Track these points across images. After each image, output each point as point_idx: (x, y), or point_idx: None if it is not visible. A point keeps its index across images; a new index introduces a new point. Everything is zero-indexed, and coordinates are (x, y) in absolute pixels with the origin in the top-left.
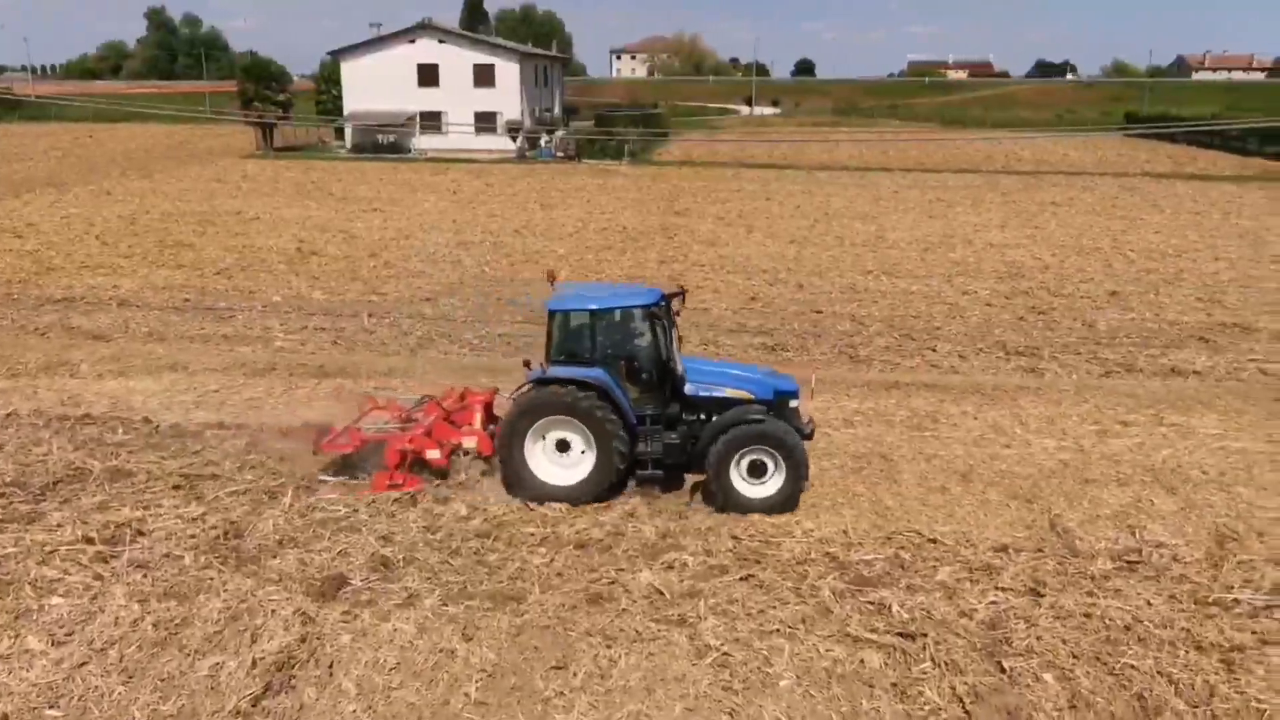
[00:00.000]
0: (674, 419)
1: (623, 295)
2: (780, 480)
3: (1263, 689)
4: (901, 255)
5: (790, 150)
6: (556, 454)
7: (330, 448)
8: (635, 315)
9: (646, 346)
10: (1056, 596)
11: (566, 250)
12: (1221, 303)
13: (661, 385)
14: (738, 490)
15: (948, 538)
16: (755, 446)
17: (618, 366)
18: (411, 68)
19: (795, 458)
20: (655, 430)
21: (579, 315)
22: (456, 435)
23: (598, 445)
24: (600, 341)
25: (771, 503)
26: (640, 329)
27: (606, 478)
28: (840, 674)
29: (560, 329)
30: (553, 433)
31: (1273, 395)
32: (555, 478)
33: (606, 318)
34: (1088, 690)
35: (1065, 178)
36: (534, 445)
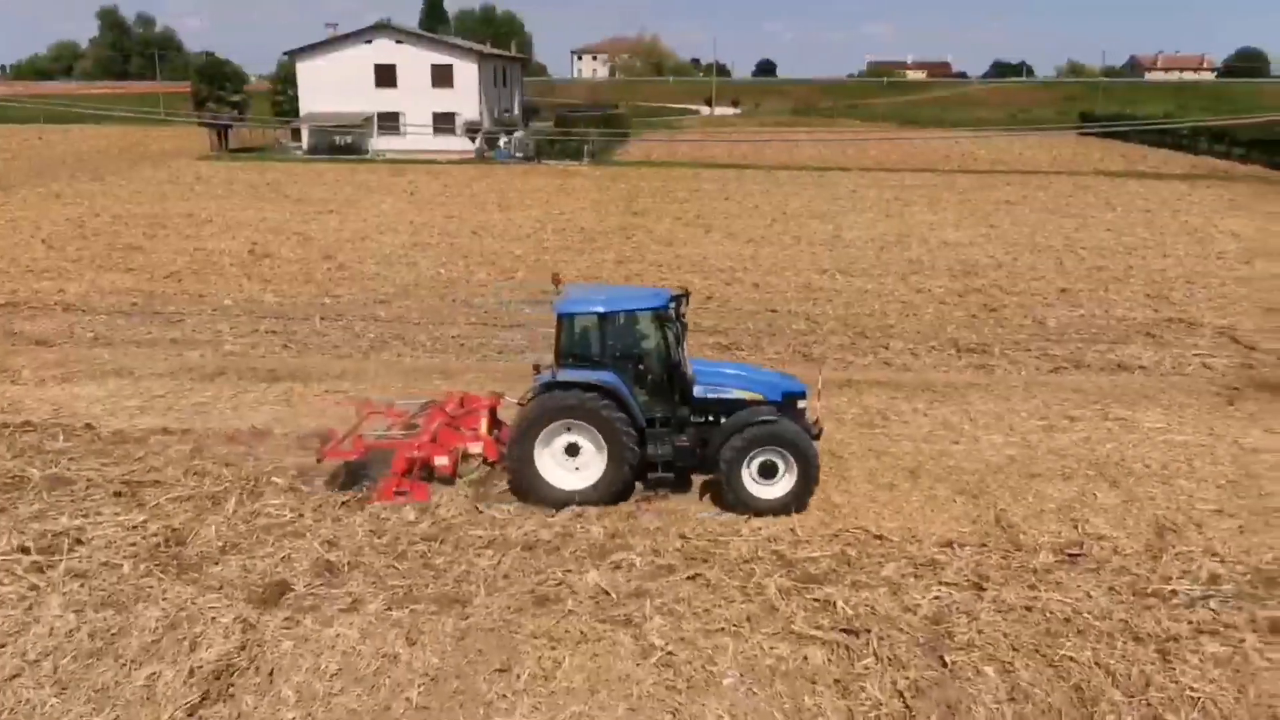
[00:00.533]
0: (683, 421)
1: (631, 297)
2: (791, 481)
3: (1197, 678)
4: (858, 254)
5: (750, 150)
6: (566, 458)
7: (334, 455)
8: (644, 317)
9: (656, 349)
10: (999, 590)
11: (524, 251)
12: (1168, 299)
13: (671, 387)
14: (748, 491)
15: (894, 534)
16: (767, 447)
17: (627, 369)
18: (368, 68)
19: (806, 459)
20: (665, 432)
21: (588, 318)
22: (463, 441)
23: (608, 448)
24: (609, 344)
25: (781, 503)
26: (649, 331)
27: (617, 481)
28: (784, 671)
29: (569, 332)
30: (562, 437)
31: (1215, 389)
32: (565, 482)
33: (615, 320)
34: (1027, 682)
35: (1020, 176)
36: (543, 450)
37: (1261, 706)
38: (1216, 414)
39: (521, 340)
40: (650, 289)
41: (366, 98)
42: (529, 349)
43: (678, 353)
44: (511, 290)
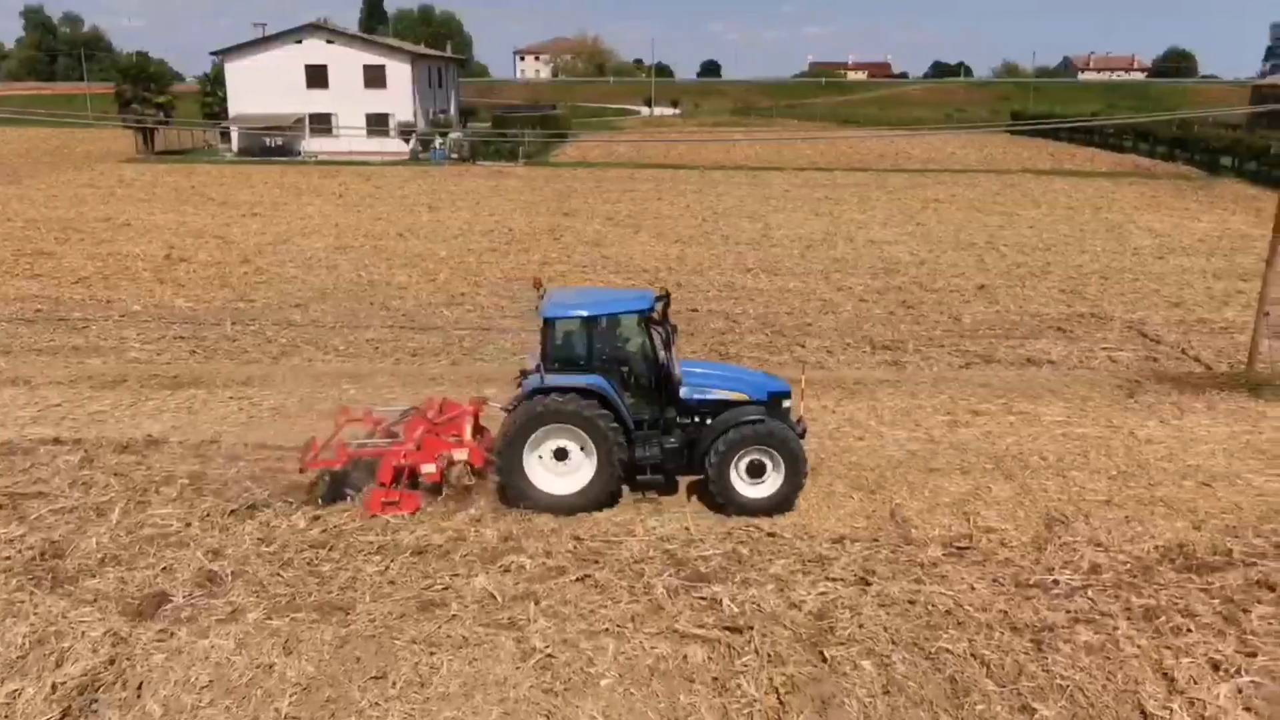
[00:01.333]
0: (670, 423)
1: (615, 300)
2: (779, 480)
3: (1067, 666)
4: (783, 253)
5: (687, 150)
6: (555, 463)
7: (316, 465)
8: (629, 320)
9: (641, 351)
10: (884, 585)
11: (448, 253)
12: (1082, 294)
13: (657, 389)
14: (737, 490)
15: (787, 531)
16: (754, 447)
17: (614, 372)
18: (299, 69)
19: (794, 457)
20: (652, 435)
21: (574, 322)
22: (448, 448)
23: (598, 452)
24: (596, 348)
25: (770, 502)
26: (635, 334)
27: (607, 485)
28: (663, 670)
29: (555, 336)
30: (551, 441)
31: (1117, 382)
32: (554, 487)
33: (601, 324)
34: (902, 675)
35: (951, 175)
36: (532, 455)
37: (1128, 692)
38: (1116, 407)
39: (438, 342)
40: (634, 291)
41: (298, 99)
42: (444, 351)
43: (664, 354)
44: (432, 293)
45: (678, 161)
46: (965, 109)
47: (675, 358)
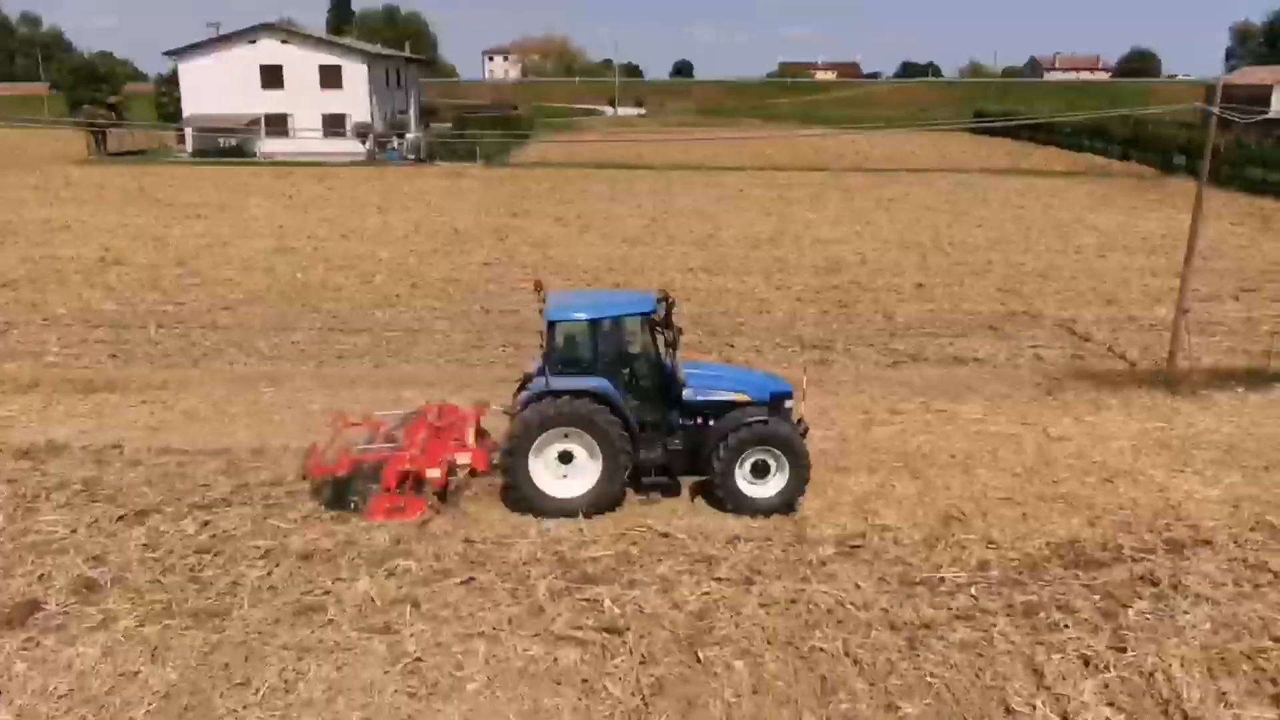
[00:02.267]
0: (674, 425)
1: (620, 303)
2: (783, 480)
3: (938, 664)
4: (728, 252)
5: (648, 151)
6: (560, 466)
7: (321, 471)
8: (633, 322)
9: (645, 353)
10: (768, 584)
11: (390, 254)
12: (1018, 292)
13: (661, 391)
14: (741, 491)
15: (681, 531)
16: (759, 447)
17: (618, 374)
18: (254, 69)
19: (798, 457)
20: (656, 436)
21: (578, 325)
22: (453, 452)
23: (603, 455)
24: (601, 350)
25: (774, 502)
26: (638, 336)
27: (613, 488)
28: (532, 673)
29: (559, 339)
30: (555, 445)
31: (1038, 380)
32: (559, 490)
33: (605, 327)
34: (772, 675)
35: (908, 174)
36: (536, 459)
37: (995, 689)
38: (1034, 404)
39: (366, 344)
40: (636, 293)
41: (253, 99)
42: (369, 354)
43: (666, 356)
44: (366, 295)
45: (637, 162)
46: (929, 109)
47: (679, 359)
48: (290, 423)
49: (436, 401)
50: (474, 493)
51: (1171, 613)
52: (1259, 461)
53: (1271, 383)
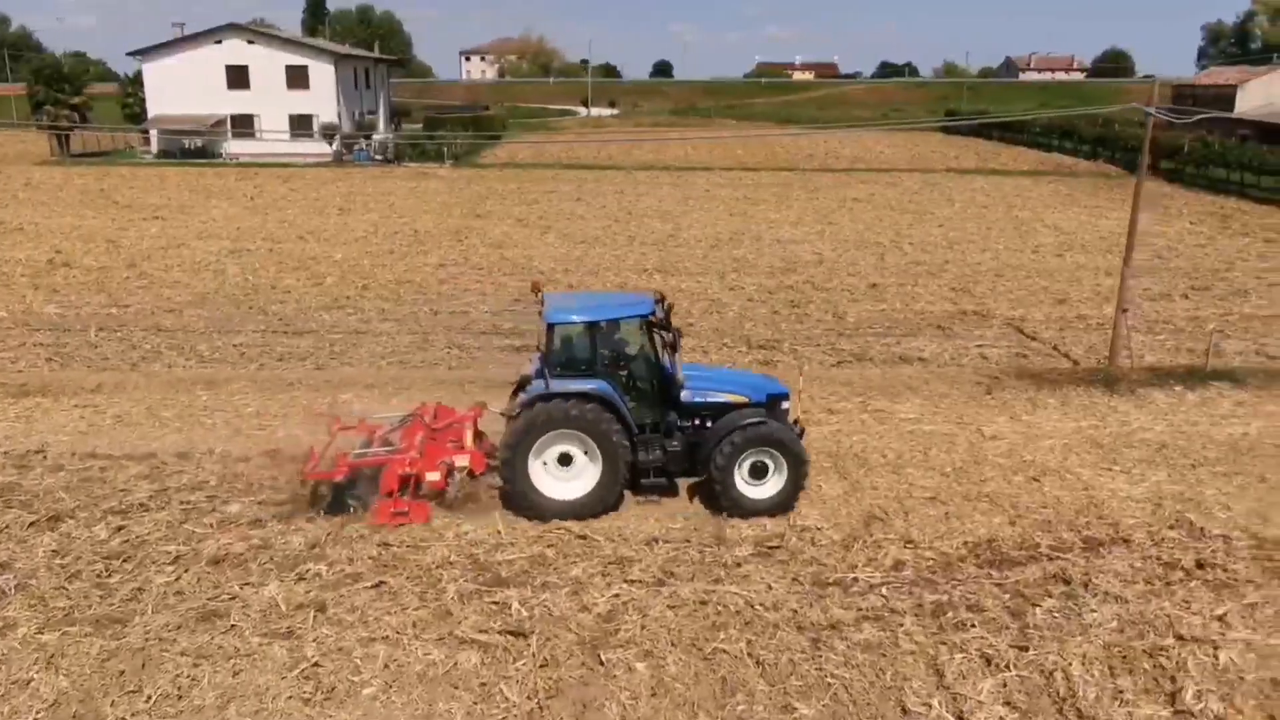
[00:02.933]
0: (672, 426)
1: (618, 305)
2: (780, 481)
3: (839, 664)
4: (687, 253)
5: (618, 151)
6: (559, 468)
7: (317, 476)
8: (633, 325)
9: (643, 355)
10: (680, 586)
11: (344, 256)
12: (970, 292)
13: (659, 393)
14: (740, 492)
15: (600, 533)
16: (757, 449)
17: (617, 376)
18: (219, 69)
19: (795, 458)
20: (655, 438)
21: (577, 327)
22: (451, 454)
23: (603, 457)
24: (600, 352)
25: (772, 503)
26: (637, 338)
27: (613, 490)
28: (431, 677)
29: (558, 341)
30: (555, 447)
31: (978, 379)
32: (559, 492)
33: (604, 329)
34: (672, 676)
35: (875, 174)
36: (536, 461)
37: (894, 689)
38: (972, 403)
39: (308, 346)
40: (633, 295)
41: (219, 100)
42: (311, 356)
43: (665, 358)
44: (315, 296)
45: (607, 163)
46: (903, 109)
47: (679, 362)
48: (221, 426)
49: (431, 403)
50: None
51: (1079, 611)
52: (1187, 460)
53: (1209, 381)
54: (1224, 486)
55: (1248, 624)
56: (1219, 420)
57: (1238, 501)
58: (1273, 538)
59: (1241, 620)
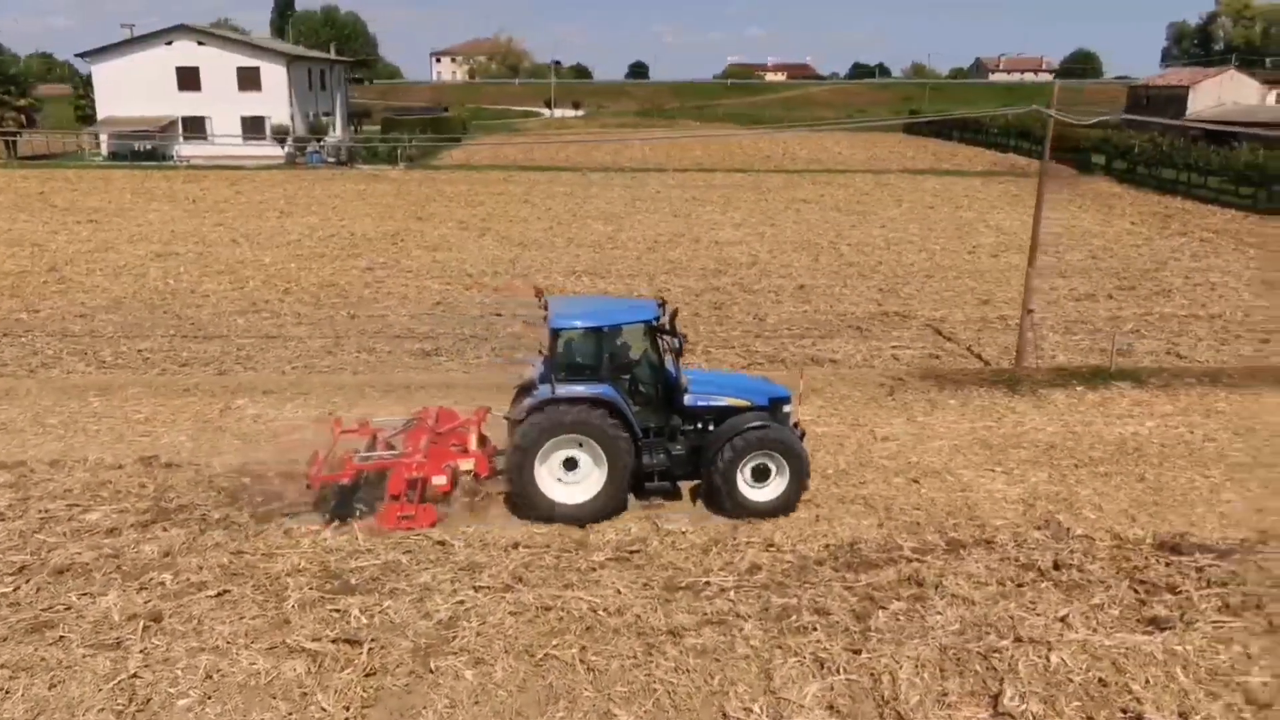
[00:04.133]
0: (676, 430)
1: (623, 310)
2: (783, 483)
3: (669, 669)
4: (622, 255)
5: (577, 152)
6: (564, 472)
7: (323, 480)
8: (637, 330)
9: (648, 360)
10: (526, 592)
11: (273, 259)
12: (897, 293)
13: (663, 397)
14: (742, 494)
15: (460, 539)
16: (760, 452)
17: (621, 381)
18: (169, 71)
19: (797, 461)
20: (659, 442)
21: (582, 333)
22: (455, 458)
23: (609, 462)
24: (605, 358)
25: (774, 505)
26: (641, 343)
27: (618, 494)
28: (251, 687)
29: (563, 346)
30: (561, 451)
31: (881, 380)
32: (564, 496)
33: (610, 334)
34: (497, 683)
35: (829, 175)
36: (542, 465)
37: (720, 694)
38: (872, 405)
39: (216, 351)
40: (638, 300)
41: (169, 102)
42: (216, 361)
43: (669, 362)
44: (234, 301)
45: (564, 164)
46: (867, 110)
47: (682, 366)
48: (105, 433)
49: (433, 407)
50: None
51: (924, 613)
52: (1072, 460)
53: (1111, 381)
54: (1101, 487)
55: (1089, 625)
56: (1113, 420)
57: (1111, 502)
58: (1134, 538)
59: (1083, 621)
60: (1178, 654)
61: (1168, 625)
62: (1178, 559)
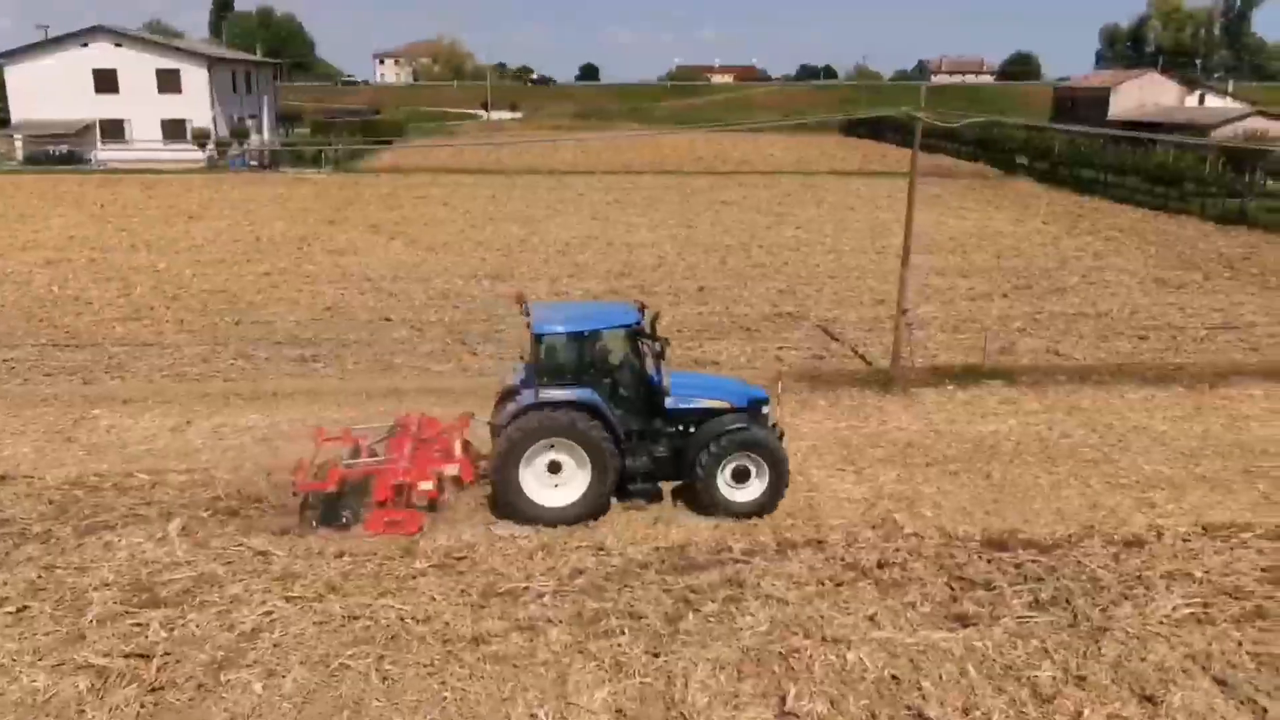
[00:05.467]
0: (658, 432)
1: (604, 315)
2: (763, 484)
3: (463, 677)
4: (530, 258)
5: (509, 155)
6: (548, 475)
7: (308, 487)
8: (619, 335)
9: (631, 364)
10: (335, 602)
11: (168, 265)
12: (795, 294)
13: (645, 401)
14: (723, 495)
15: (282, 549)
16: (740, 453)
17: (603, 385)
18: (86, 73)
19: (777, 462)
20: (641, 445)
21: (564, 337)
22: (439, 463)
23: (592, 464)
24: (587, 362)
25: (754, 505)
26: (623, 347)
27: (600, 496)
28: (28, 705)
29: (546, 351)
30: (544, 455)
31: (761, 382)
32: (549, 499)
33: (592, 339)
34: (283, 695)
35: (757, 176)
36: (526, 469)
37: (509, 700)
38: None
39: (85, 360)
40: (619, 305)
41: (86, 104)
42: (82, 370)
43: (651, 366)
44: (117, 309)
45: (493, 167)
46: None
47: (665, 370)
48: None
49: (415, 414)
50: None
51: (736, 615)
52: (926, 458)
53: (984, 380)
54: (946, 485)
55: (896, 623)
56: (976, 419)
57: (951, 499)
58: (964, 535)
59: (891, 619)
60: (976, 650)
61: (973, 622)
62: (999, 556)
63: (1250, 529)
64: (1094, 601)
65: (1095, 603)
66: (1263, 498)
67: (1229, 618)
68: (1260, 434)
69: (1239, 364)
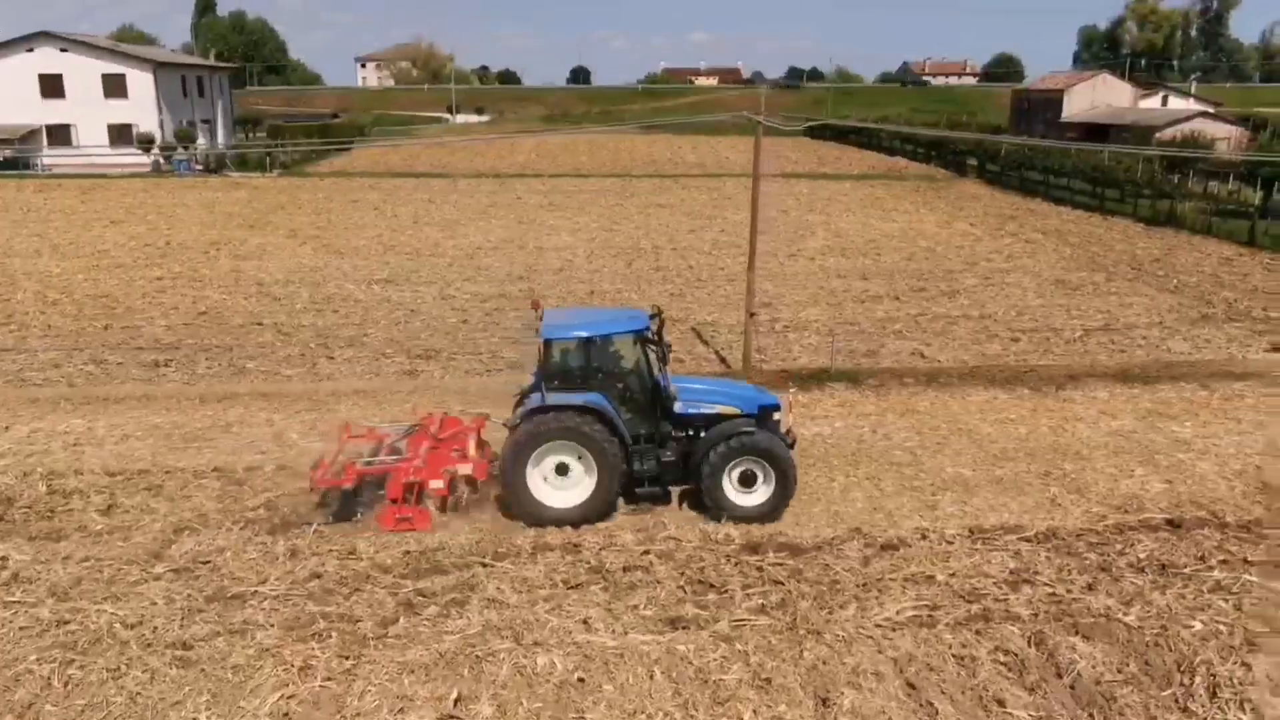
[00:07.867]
0: (666, 437)
1: (613, 321)
2: (769, 490)
3: (142, 682)
4: (433, 263)
5: (461, 159)
6: (556, 477)
7: (326, 483)
8: (627, 340)
9: (639, 369)
10: (52, 605)
11: (63, 270)
12: (684, 296)
13: (653, 405)
14: (729, 499)
15: (26, 553)
16: (746, 458)
17: (612, 389)
18: (32, 78)
19: (784, 468)
20: (649, 449)
21: (573, 343)
22: (454, 463)
23: (599, 468)
24: (595, 367)
25: (760, 510)
26: (631, 352)
27: (606, 499)
28: None
29: (555, 356)
30: (552, 457)
31: None
32: (555, 500)
33: (600, 344)
34: None
35: (704, 179)
36: (534, 471)
37: (179, 704)
38: None
39: None
40: (627, 310)
41: (32, 110)
42: None
43: (659, 371)
44: None
45: (443, 170)
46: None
47: (669, 374)
48: None
49: (438, 413)
50: None
51: (453, 618)
52: None
53: (828, 382)
54: None
55: (610, 626)
56: (807, 421)
57: None
58: (724, 538)
59: (607, 623)
60: (675, 653)
61: (685, 625)
62: (748, 559)
63: (1018, 530)
64: (822, 605)
65: (823, 606)
66: (1049, 501)
67: (951, 621)
68: (1081, 436)
69: (1097, 365)
